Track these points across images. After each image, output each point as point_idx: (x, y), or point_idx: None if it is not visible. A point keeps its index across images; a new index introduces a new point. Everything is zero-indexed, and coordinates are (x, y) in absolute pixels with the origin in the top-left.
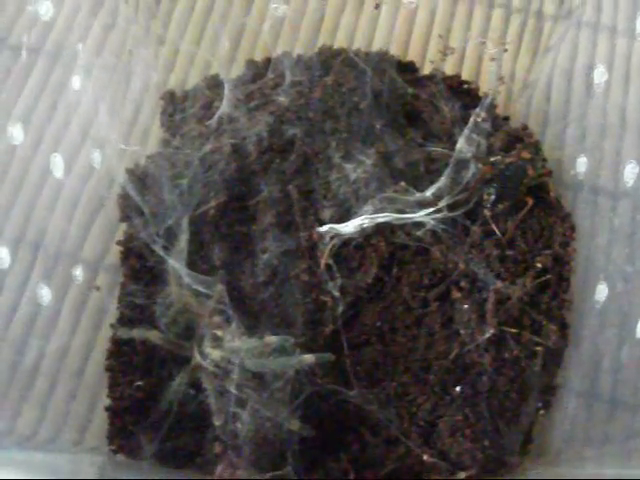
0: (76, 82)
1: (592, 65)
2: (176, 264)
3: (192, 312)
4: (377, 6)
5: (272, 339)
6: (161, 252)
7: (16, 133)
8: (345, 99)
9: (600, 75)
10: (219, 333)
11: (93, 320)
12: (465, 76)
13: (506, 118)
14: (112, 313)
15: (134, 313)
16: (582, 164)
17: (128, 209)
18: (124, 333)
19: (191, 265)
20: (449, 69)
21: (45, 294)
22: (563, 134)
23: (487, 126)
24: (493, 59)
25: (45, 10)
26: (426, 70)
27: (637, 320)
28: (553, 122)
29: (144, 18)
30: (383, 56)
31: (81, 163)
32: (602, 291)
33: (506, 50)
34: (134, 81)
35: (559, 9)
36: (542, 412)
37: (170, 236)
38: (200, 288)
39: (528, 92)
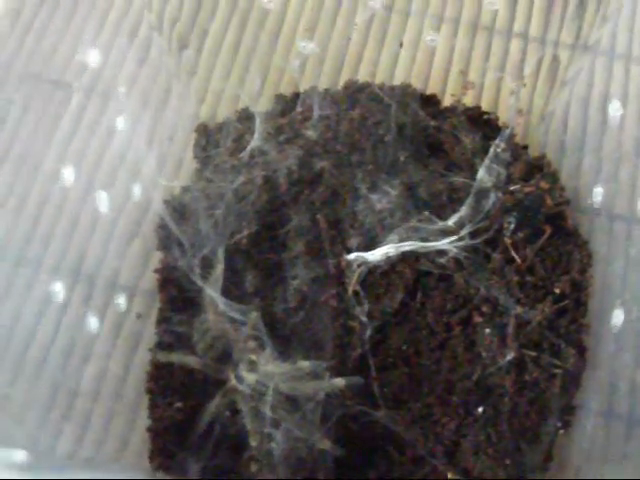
0: (114, 119)
1: (608, 96)
2: (212, 292)
3: (228, 338)
4: (402, 44)
5: (304, 364)
6: (198, 281)
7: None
8: (371, 132)
9: (615, 108)
10: (254, 357)
11: (130, 344)
12: (485, 107)
13: (525, 147)
14: (148, 337)
15: (172, 338)
16: (598, 193)
17: (166, 239)
18: (163, 357)
19: (225, 292)
20: (470, 101)
21: (89, 321)
22: (580, 164)
23: (507, 156)
24: (512, 93)
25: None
26: (447, 102)
27: None
28: (570, 152)
29: (176, 49)
30: (406, 90)
31: (121, 196)
32: (618, 316)
33: (525, 85)
34: (168, 114)
35: (576, 39)
36: (562, 431)
37: (206, 265)
38: (236, 315)
39: (546, 122)
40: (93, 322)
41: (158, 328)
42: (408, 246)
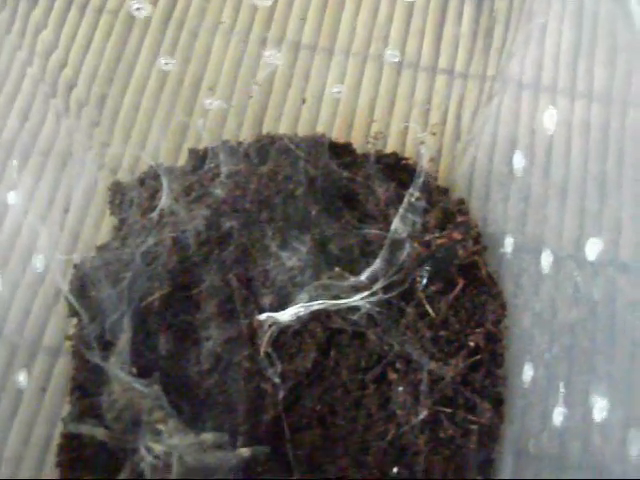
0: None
1: (513, 150)
2: (117, 363)
3: (135, 408)
4: (304, 101)
5: (207, 436)
6: (97, 356)
7: None
8: (280, 188)
9: (519, 160)
10: (160, 427)
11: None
12: (407, 152)
13: (445, 191)
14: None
15: (83, 407)
16: (509, 244)
17: (75, 305)
18: (73, 428)
19: (138, 355)
20: (392, 146)
21: None
22: (491, 212)
23: (422, 204)
24: (422, 142)
25: None
26: (362, 150)
27: (554, 408)
28: (484, 198)
29: (74, 116)
30: (318, 140)
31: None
32: (528, 372)
33: (434, 134)
34: (67, 180)
35: (482, 82)
36: None
37: (116, 331)
38: (139, 387)
39: (466, 165)
40: None
41: (70, 397)
42: (318, 305)
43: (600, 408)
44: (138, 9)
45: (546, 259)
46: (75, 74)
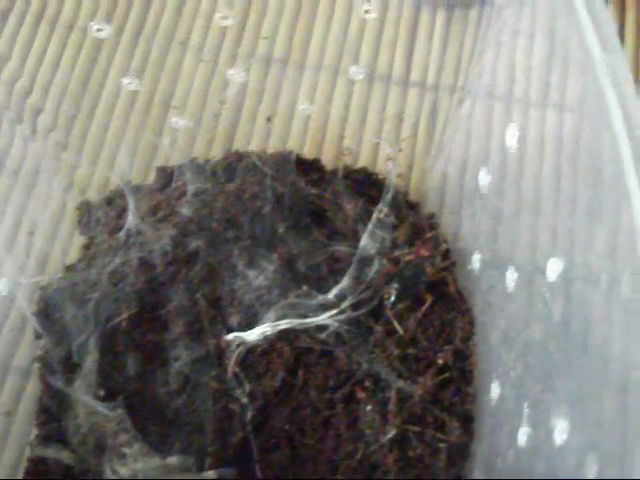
0: None
1: (479, 165)
2: (82, 386)
3: (100, 431)
4: (269, 119)
5: (172, 460)
6: (60, 380)
7: None
8: (247, 206)
9: (484, 176)
10: (126, 450)
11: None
12: (379, 166)
13: (416, 205)
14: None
15: (50, 431)
16: (477, 260)
17: (41, 327)
18: (40, 452)
19: (105, 377)
20: (363, 160)
21: None
22: (461, 227)
23: (391, 220)
24: (390, 159)
25: None
26: (331, 166)
27: (519, 427)
28: (456, 212)
29: (41, 139)
30: (285, 157)
31: None
32: (495, 390)
33: (400, 150)
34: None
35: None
36: None
37: (82, 353)
38: (104, 410)
39: (437, 178)
40: None
41: (37, 420)
42: (285, 324)
43: (561, 429)
44: (99, 30)
45: (511, 277)
46: (41, 100)
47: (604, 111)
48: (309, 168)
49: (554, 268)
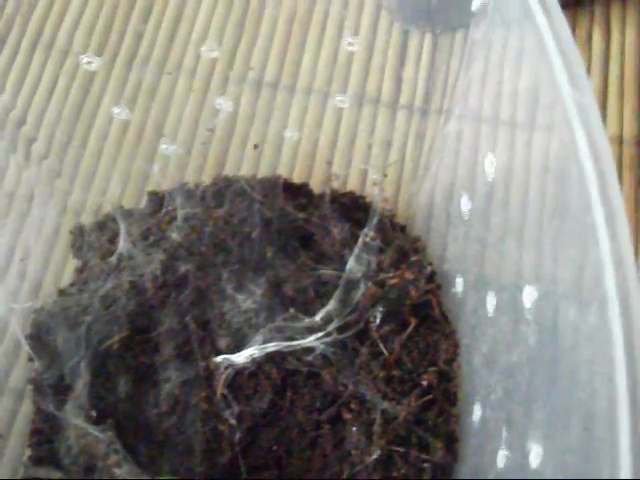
0: None
1: (461, 190)
2: (73, 408)
3: (91, 453)
4: (256, 146)
5: None
6: (51, 403)
7: None
8: (236, 230)
9: (465, 202)
10: (116, 471)
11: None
12: (368, 189)
13: (403, 228)
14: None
15: (43, 451)
16: (460, 284)
17: (33, 350)
18: (33, 472)
19: (98, 398)
20: (352, 184)
21: None
22: (447, 250)
23: (377, 243)
24: (375, 184)
25: None
26: (319, 190)
27: (498, 450)
28: (443, 236)
29: (48, 176)
30: (273, 182)
31: None
32: (477, 412)
33: (386, 175)
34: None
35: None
36: None
37: (75, 374)
38: (94, 432)
39: (423, 201)
40: None
41: (31, 441)
42: (273, 347)
43: (536, 454)
44: (89, 62)
45: (491, 301)
46: (35, 129)
47: (572, 144)
48: (297, 193)
49: (530, 295)
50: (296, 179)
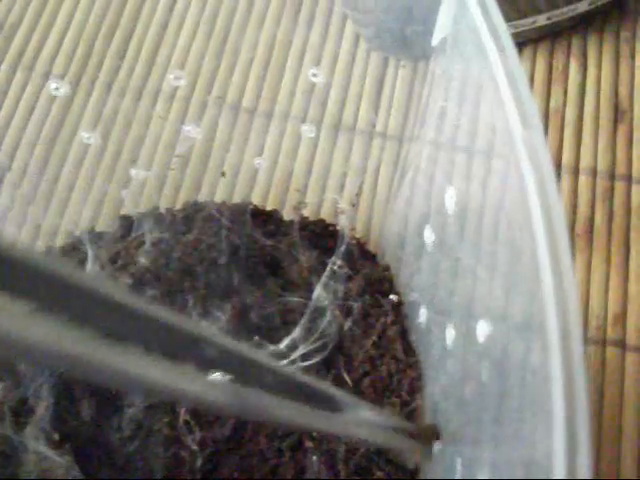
0: None
1: (423, 224)
2: (32, 432)
3: (50, 477)
4: (223, 174)
5: None
6: (7, 427)
7: None
8: (204, 256)
9: (429, 234)
10: None
11: None
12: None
13: (373, 257)
14: None
15: (3, 476)
16: (423, 315)
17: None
18: None
19: (61, 422)
20: (324, 212)
21: None
22: (413, 281)
23: (345, 271)
24: (342, 212)
25: None
26: (289, 217)
27: None
28: (409, 266)
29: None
30: (242, 208)
31: None
32: (436, 444)
33: (353, 205)
34: None
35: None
36: None
37: (37, 398)
38: (54, 456)
39: (391, 231)
40: None
41: None
42: None
43: None
44: (57, 89)
45: (449, 333)
46: (8, 159)
47: (522, 184)
48: (267, 220)
49: (483, 330)
50: (269, 206)
